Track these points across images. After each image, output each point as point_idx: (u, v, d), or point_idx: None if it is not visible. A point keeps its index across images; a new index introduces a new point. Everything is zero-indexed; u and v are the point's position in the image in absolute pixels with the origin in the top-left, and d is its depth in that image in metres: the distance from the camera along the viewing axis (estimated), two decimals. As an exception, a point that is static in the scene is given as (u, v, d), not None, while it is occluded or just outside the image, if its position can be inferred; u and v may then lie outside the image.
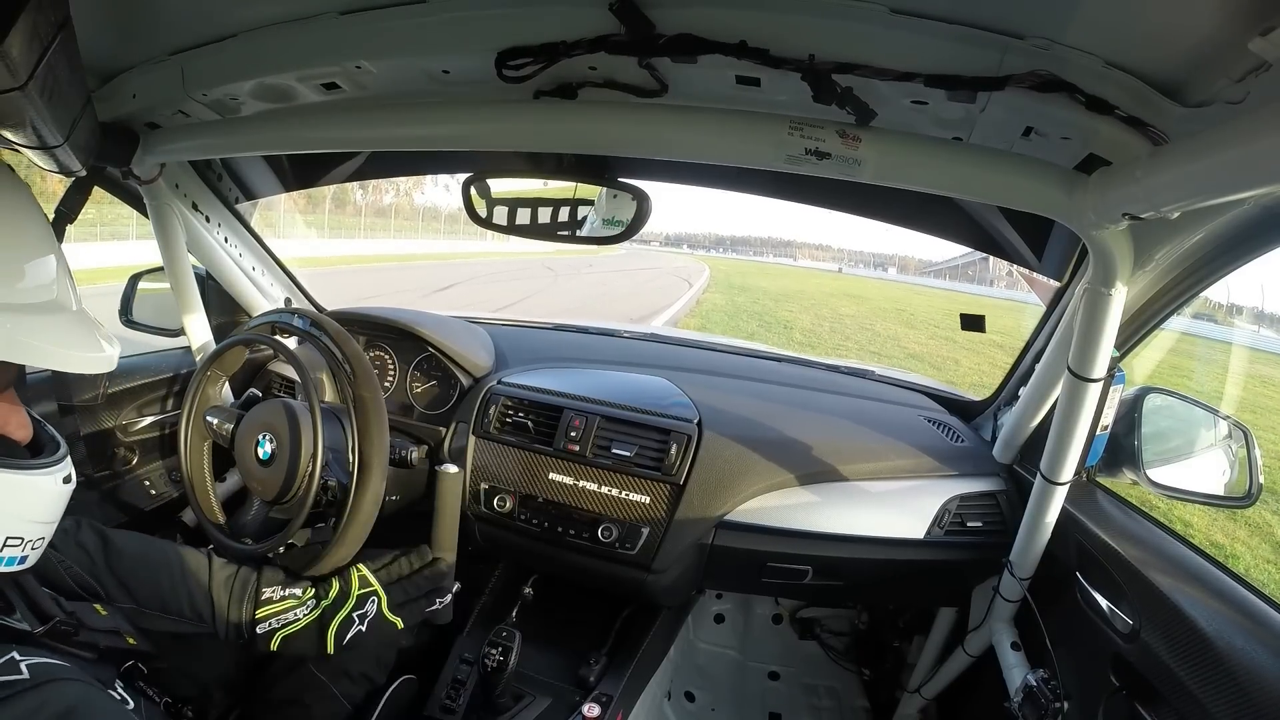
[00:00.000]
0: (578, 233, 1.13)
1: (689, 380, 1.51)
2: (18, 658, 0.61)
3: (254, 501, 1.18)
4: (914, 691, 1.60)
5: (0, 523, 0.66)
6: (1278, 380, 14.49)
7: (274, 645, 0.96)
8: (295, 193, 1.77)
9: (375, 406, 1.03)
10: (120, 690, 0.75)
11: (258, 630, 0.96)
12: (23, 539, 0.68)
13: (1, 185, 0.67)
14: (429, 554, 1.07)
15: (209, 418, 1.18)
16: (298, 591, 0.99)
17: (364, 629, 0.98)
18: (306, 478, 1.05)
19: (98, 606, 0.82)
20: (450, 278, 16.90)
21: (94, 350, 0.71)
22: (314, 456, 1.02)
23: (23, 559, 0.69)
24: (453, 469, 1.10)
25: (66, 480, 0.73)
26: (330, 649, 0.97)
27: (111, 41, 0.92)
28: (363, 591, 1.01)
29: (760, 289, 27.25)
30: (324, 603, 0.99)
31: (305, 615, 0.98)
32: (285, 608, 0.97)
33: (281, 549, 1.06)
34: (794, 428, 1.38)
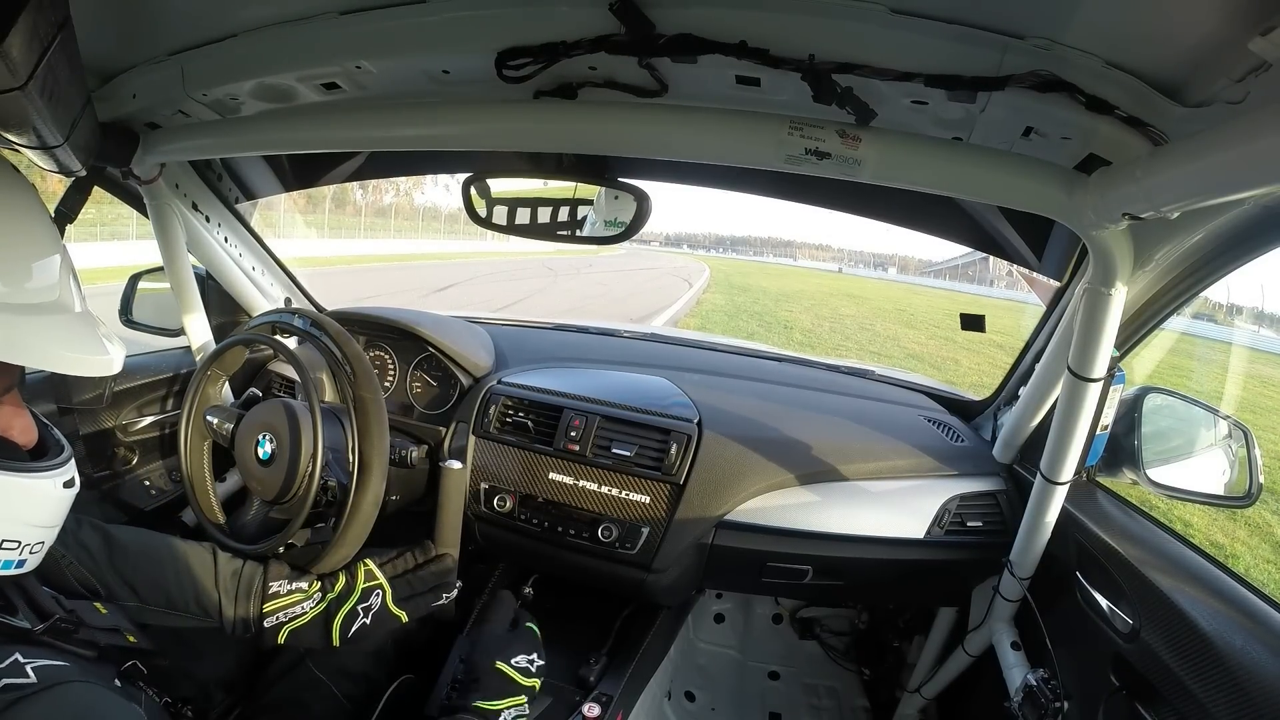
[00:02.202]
0: (578, 232, 1.13)
1: (689, 380, 1.51)
2: (21, 660, 0.61)
3: (254, 501, 1.18)
4: (914, 691, 1.60)
5: None
6: (1277, 380, 14.47)
7: (281, 638, 0.96)
8: (295, 192, 1.77)
9: (375, 407, 1.03)
10: (123, 690, 0.75)
11: (265, 624, 0.96)
12: (20, 542, 0.67)
13: (5, 183, 0.67)
14: (433, 549, 1.07)
15: (209, 418, 1.18)
16: (304, 585, 0.99)
17: (369, 621, 0.98)
18: (306, 478, 1.05)
19: (98, 605, 0.82)
20: (450, 278, 16.82)
21: (97, 353, 0.70)
22: (314, 456, 1.02)
23: (20, 563, 0.68)
24: (456, 465, 1.10)
25: (68, 484, 0.72)
26: (335, 641, 0.97)
27: (111, 41, 0.92)
28: (368, 585, 1.01)
29: (760, 289, 27.08)
30: (330, 595, 0.99)
31: (312, 608, 0.98)
32: (292, 601, 0.97)
33: (281, 549, 1.06)
34: (794, 427, 1.38)
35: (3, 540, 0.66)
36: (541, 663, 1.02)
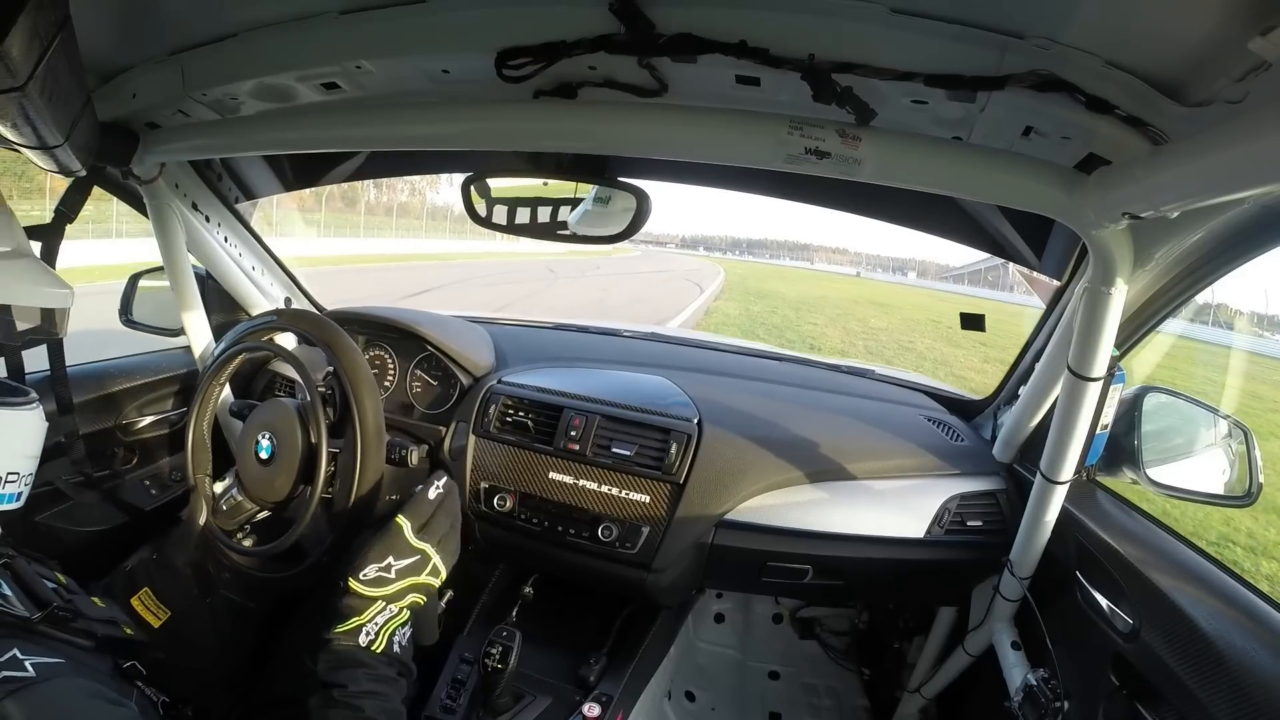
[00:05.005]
0: (577, 232, 1.13)
1: (689, 380, 1.51)
2: (20, 655, 0.61)
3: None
4: (914, 691, 1.59)
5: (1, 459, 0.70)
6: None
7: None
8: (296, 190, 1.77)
9: (333, 334, 1.05)
10: (118, 686, 0.75)
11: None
12: (19, 474, 0.73)
13: None
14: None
15: (211, 428, 1.19)
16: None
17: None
18: (307, 476, 1.06)
19: (95, 599, 0.82)
20: (437, 280, 15.49)
21: (61, 288, 0.85)
22: (314, 456, 1.02)
23: (18, 495, 0.72)
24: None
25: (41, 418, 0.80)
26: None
27: (111, 41, 0.92)
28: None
29: (778, 295, 25.21)
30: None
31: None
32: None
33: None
34: (794, 427, 1.38)
35: (8, 473, 0.69)
36: (402, 562, 0.92)
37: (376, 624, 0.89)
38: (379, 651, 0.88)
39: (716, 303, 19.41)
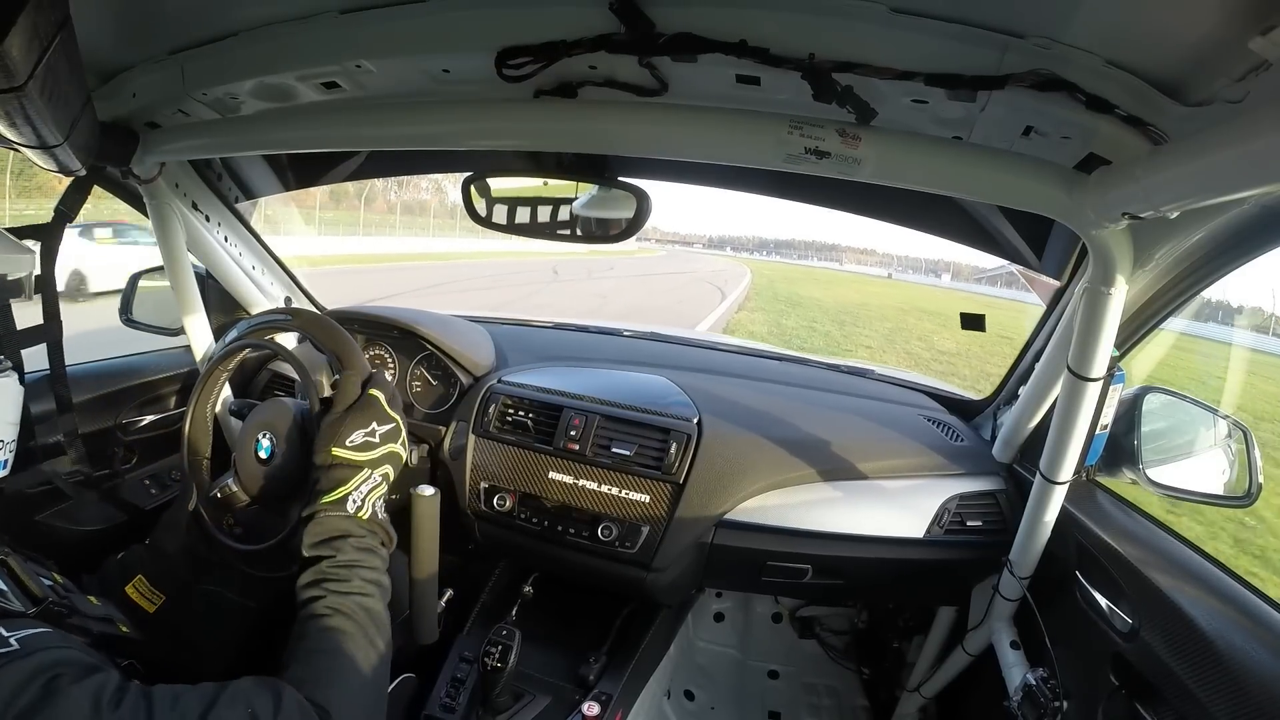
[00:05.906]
0: (577, 231, 1.13)
1: (689, 379, 1.51)
2: (5, 632, 0.61)
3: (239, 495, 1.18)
4: (913, 690, 1.60)
5: None
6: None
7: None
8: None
9: (343, 346, 1.02)
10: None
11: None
12: (3, 441, 0.74)
13: None
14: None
15: (213, 416, 1.18)
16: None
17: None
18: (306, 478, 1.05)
19: (91, 598, 0.82)
20: (416, 283, 13.36)
21: (21, 253, 0.93)
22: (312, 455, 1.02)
23: (5, 463, 0.72)
24: (428, 491, 1.06)
25: (20, 381, 0.82)
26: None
27: (111, 41, 0.92)
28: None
29: (813, 302, 21.85)
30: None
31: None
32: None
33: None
34: (794, 427, 1.38)
35: None
36: (385, 427, 0.91)
37: (362, 492, 0.89)
38: (364, 520, 0.87)
39: (740, 314, 16.03)
